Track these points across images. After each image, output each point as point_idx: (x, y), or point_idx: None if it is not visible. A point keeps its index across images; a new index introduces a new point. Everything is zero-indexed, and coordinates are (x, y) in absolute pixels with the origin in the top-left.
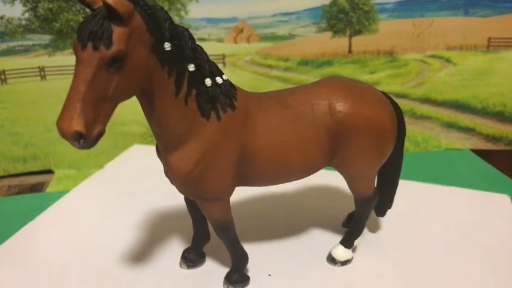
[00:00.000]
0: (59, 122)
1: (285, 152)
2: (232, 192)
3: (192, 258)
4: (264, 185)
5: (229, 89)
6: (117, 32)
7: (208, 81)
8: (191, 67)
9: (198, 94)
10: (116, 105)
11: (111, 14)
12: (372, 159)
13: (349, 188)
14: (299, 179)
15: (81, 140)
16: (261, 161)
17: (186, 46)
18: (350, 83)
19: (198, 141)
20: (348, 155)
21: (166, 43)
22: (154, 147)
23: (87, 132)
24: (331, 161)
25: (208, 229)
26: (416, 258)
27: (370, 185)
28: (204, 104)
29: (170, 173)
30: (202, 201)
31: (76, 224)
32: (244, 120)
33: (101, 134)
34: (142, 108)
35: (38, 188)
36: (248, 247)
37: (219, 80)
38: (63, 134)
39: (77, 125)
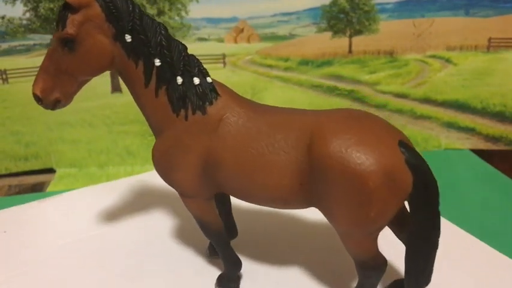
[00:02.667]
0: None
1: (248, 170)
2: (208, 194)
3: (214, 249)
4: (237, 198)
5: (206, 92)
6: (70, 18)
7: (179, 79)
8: (157, 62)
9: (169, 89)
10: (76, 81)
11: (66, 4)
12: (353, 218)
13: None
14: (269, 206)
15: (40, 102)
16: (226, 171)
17: (150, 40)
18: (358, 120)
19: (167, 135)
20: (324, 201)
21: (126, 35)
22: None
23: (42, 96)
24: (310, 200)
25: (235, 224)
26: None
27: (360, 247)
28: (175, 101)
29: None
30: (180, 195)
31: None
32: (215, 126)
33: (57, 100)
34: None
35: (38, 187)
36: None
37: (195, 80)
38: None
39: (36, 89)
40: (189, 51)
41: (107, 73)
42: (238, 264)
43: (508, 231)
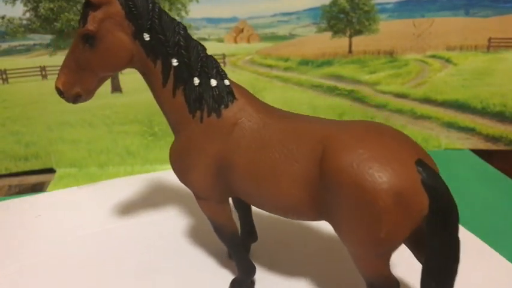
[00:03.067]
0: None
1: (259, 177)
2: (221, 197)
3: None
4: (250, 203)
5: (222, 95)
6: (91, 15)
7: (196, 81)
8: (174, 62)
9: (186, 90)
10: (97, 77)
11: (88, 2)
12: (362, 237)
13: None
14: (279, 215)
15: (62, 95)
16: (238, 176)
17: (168, 40)
18: (376, 134)
19: (183, 135)
20: (333, 217)
21: (145, 33)
22: None
23: (63, 89)
24: (321, 214)
25: (255, 229)
26: None
27: (370, 268)
28: (191, 102)
29: None
30: (194, 196)
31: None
32: (229, 130)
33: (78, 95)
34: None
35: (38, 187)
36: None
37: (212, 82)
38: None
39: (58, 82)
40: None
41: None
42: (252, 270)
43: (509, 231)
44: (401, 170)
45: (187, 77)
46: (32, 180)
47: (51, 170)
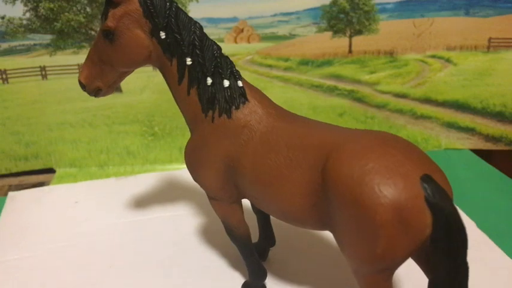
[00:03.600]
0: None
1: (264, 180)
2: (232, 198)
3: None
4: (257, 206)
5: (234, 96)
6: (111, 12)
7: (209, 80)
8: (188, 61)
9: (200, 89)
10: (116, 72)
11: (108, 0)
12: (359, 251)
13: None
14: (283, 220)
15: (84, 89)
16: (244, 178)
17: (183, 39)
18: (383, 145)
19: (196, 133)
20: (334, 228)
21: (161, 32)
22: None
23: (85, 83)
24: (324, 223)
25: (273, 233)
26: None
27: (368, 283)
28: (204, 101)
29: None
30: (207, 195)
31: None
32: (239, 131)
33: (98, 88)
34: None
35: (38, 187)
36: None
37: (225, 83)
38: None
39: (80, 76)
40: None
41: None
42: (262, 274)
43: (509, 231)
44: (403, 185)
45: (201, 77)
46: (32, 180)
47: (51, 170)
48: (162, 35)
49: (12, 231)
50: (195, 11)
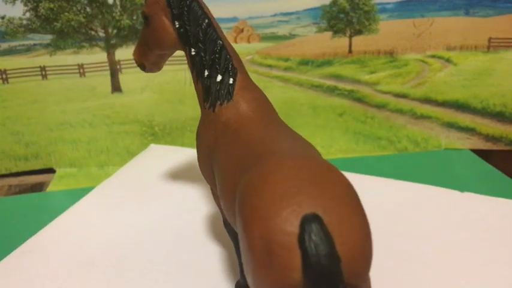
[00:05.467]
0: None
1: (220, 179)
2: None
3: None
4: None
5: (222, 92)
6: (147, 0)
7: (206, 72)
8: (192, 51)
9: (201, 79)
10: (153, 53)
11: None
12: (248, 274)
13: None
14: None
15: (136, 63)
16: (215, 171)
17: (190, 31)
18: (285, 178)
19: (200, 119)
20: None
21: (176, 21)
22: (170, 147)
23: (135, 58)
24: None
25: None
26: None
27: None
28: (203, 91)
29: None
30: None
31: (95, 226)
32: (218, 127)
33: (143, 65)
34: None
35: (38, 187)
36: None
37: (218, 77)
38: None
39: (134, 53)
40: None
41: (107, 73)
42: None
43: None
44: (280, 218)
45: (201, 68)
46: (32, 180)
47: (51, 170)
48: (176, 24)
49: None
50: None
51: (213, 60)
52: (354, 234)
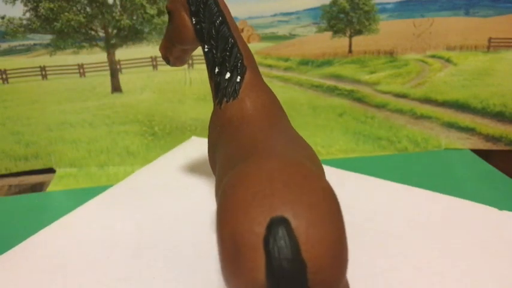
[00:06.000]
0: None
1: (218, 171)
2: None
3: None
4: None
5: (228, 90)
6: None
7: (216, 69)
8: (206, 48)
9: (213, 76)
10: (175, 47)
11: None
12: (221, 271)
13: None
14: None
15: (162, 56)
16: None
17: (205, 27)
18: (267, 178)
19: (211, 115)
20: None
21: (193, 17)
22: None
23: (160, 52)
24: None
25: None
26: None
27: None
28: (214, 87)
29: None
30: None
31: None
32: (223, 123)
33: (168, 59)
34: None
35: (38, 187)
36: None
37: (227, 75)
38: None
39: (159, 48)
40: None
41: (107, 73)
42: None
43: None
44: (249, 218)
45: (213, 65)
46: (32, 180)
47: (51, 170)
48: (193, 20)
49: None
50: None
51: (223, 57)
52: (323, 242)
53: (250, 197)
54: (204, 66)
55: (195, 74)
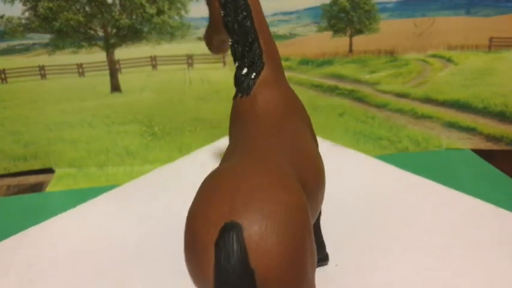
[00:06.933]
0: None
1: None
2: None
3: None
4: None
5: (243, 85)
6: None
7: (237, 63)
8: (230, 41)
9: (235, 69)
10: (215, 37)
11: None
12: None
13: None
14: None
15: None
16: None
17: (230, 21)
18: (232, 183)
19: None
20: None
21: (221, 10)
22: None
23: (205, 41)
24: None
25: (324, 244)
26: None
27: None
28: (234, 81)
29: None
30: None
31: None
32: (236, 117)
33: (210, 48)
34: None
35: (37, 187)
36: None
37: (244, 70)
38: None
39: (203, 36)
40: (189, 51)
41: (106, 72)
42: None
43: None
44: (205, 219)
45: (234, 58)
46: (31, 180)
47: (50, 170)
48: (222, 13)
49: None
50: (195, 11)
51: (243, 52)
52: (273, 253)
53: (216, 198)
54: (204, 66)
55: (195, 74)
